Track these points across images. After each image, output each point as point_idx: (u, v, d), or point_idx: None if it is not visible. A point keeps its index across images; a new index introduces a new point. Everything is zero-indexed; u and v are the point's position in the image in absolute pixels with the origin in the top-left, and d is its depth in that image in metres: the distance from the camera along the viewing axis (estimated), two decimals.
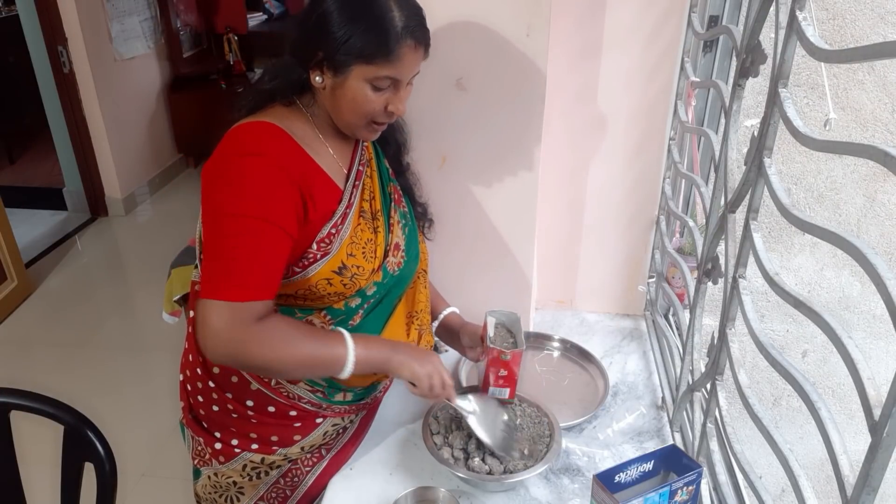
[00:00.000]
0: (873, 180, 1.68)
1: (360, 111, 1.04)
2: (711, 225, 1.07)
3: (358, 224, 1.10)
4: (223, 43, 5.13)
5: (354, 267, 1.08)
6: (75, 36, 3.86)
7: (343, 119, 1.06)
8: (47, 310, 3.42)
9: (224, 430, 1.18)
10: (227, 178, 0.99)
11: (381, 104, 1.04)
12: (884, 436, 0.57)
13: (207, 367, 1.15)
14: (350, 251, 1.08)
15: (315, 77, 1.04)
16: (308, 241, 1.04)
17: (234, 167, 0.99)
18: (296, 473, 1.23)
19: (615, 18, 1.44)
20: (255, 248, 0.96)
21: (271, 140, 1.02)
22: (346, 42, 0.98)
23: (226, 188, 0.98)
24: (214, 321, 0.95)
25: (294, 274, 1.05)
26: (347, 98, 1.02)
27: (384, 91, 1.03)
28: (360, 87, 1.01)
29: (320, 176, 1.07)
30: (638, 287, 1.71)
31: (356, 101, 1.02)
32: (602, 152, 1.58)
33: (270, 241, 0.97)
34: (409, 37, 0.99)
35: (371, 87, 1.01)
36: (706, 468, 1.07)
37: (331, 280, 1.07)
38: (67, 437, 1.18)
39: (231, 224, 0.96)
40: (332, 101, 1.05)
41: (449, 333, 1.38)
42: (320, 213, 1.05)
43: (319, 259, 1.05)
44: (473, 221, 1.52)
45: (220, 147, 1.01)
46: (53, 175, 4.40)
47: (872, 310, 1.80)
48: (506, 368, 1.23)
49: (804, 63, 1.58)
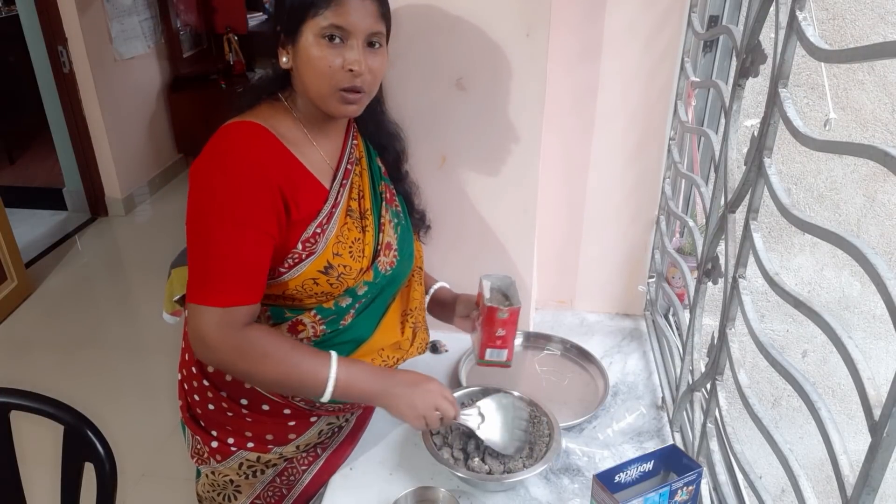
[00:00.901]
0: (873, 180, 1.68)
1: (319, 73, 1.01)
2: (711, 225, 1.07)
3: (345, 223, 1.10)
4: (223, 43, 5.13)
5: (341, 266, 1.08)
6: (75, 36, 3.87)
7: (311, 91, 1.04)
8: (47, 310, 3.42)
9: (220, 428, 1.18)
10: (206, 179, 0.99)
11: (337, 62, 1.01)
12: (884, 436, 0.57)
13: (202, 366, 1.15)
14: (336, 250, 1.08)
15: (282, 58, 1.05)
16: (293, 242, 1.04)
17: (215, 169, 0.99)
18: (292, 472, 1.23)
19: (615, 18, 1.44)
20: (236, 251, 0.97)
21: (253, 141, 1.01)
22: (291, 3, 1.00)
23: (205, 190, 0.99)
24: (199, 326, 0.99)
25: (280, 274, 1.05)
26: (304, 62, 1.02)
27: (337, 47, 1.01)
28: (312, 45, 1.00)
29: (305, 176, 1.06)
30: (638, 287, 1.71)
31: (311, 61, 1.01)
32: (602, 152, 1.58)
33: (251, 244, 0.98)
34: None
35: (322, 40, 1.00)
36: (706, 468, 1.07)
37: (317, 280, 1.07)
38: (67, 437, 1.18)
39: (209, 228, 0.98)
40: (297, 75, 1.05)
41: (441, 307, 1.37)
42: (304, 213, 1.05)
43: (305, 259, 1.05)
44: (473, 221, 1.52)
45: (205, 148, 1.02)
46: (53, 175, 4.40)
47: (872, 310, 1.80)
48: (503, 327, 1.19)
49: (804, 63, 1.58)
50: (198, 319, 0.98)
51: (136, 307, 3.48)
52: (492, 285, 1.28)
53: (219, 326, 0.98)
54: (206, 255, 0.98)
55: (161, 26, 4.72)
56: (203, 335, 0.98)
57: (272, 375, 1.03)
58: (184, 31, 4.94)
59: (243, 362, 1.01)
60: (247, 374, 1.04)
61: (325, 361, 1.05)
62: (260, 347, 1.01)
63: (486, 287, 1.26)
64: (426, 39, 1.36)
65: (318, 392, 1.04)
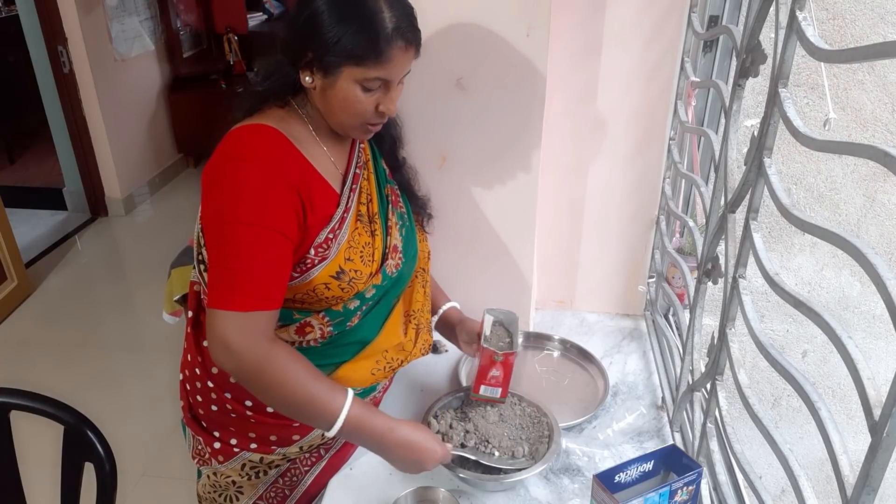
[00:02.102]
0: (873, 180, 1.68)
1: (351, 112, 1.03)
2: (711, 225, 1.07)
3: (355, 228, 1.10)
4: (223, 43, 5.13)
5: (352, 271, 1.08)
6: (75, 36, 3.87)
7: (335, 119, 1.06)
8: (47, 310, 3.42)
9: (223, 429, 1.18)
10: (224, 183, 0.98)
11: (371, 105, 1.03)
12: (884, 436, 0.57)
13: (206, 366, 1.15)
14: (348, 255, 1.08)
15: (305, 77, 1.03)
16: (306, 247, 1.04)
17: (231, 172, 0.98)
18: (295, 473, 1.23)
19: (615, 18, 1.44)
20: (257, 256, 0.96)
21: (268, 143, 1.01)
22: (335, 43, 0.97)
23: (224, 194, 0.98)
24: (221, 331, 0.95)
25: (292, 279, 1.05)
26: (338, 99, 1.02)
27: (374, 92, 1.02)
28: (350, 88, 1.00)
29: (318, 180, 1.06)
30: (638, 287, 1.71)
31: (347, 101, 1.02)
32: (602, 152, 1.58)
33: (272, 247, 0.97)
34: (399, 38, 0.98)
35: (361, 88, 1.00)
36: (706, 468, 1.07)
37: (328, 285, 1.06)
38: (67, 437, 1.18)
39: (231, 232, 0.96)
40: (323, 101, 1.04)
41: (448, 328, 1.39)
42: (318, 217, 1.04)
43: (317, 264, 1.05)
44: (473, 221, 1.52)
45: (218, 151, 1.01)
46: (53, 175, 4.40)
47: (872, 310, 1.80)
48: (498, 369, 1.23)
49: (804, 63, 1.58)
50: (219, 324, 0.95)
51: (136, 307, 3.48)
52: (494, 320, 1.31)
53: (242, 332, 0.95)
54: (226, 259, 0.96)
55: (161, 26, 4.72)
56: (226, 340, 0.95)
57: (286, 401, 1.01)
58: (184, 31, 4.94)
59: (260, 380, 0.98)
60: (262, 391, 1.01)
61: (341, 395, 1.03)
62: (280, 370, 0.98)
63: (487, 323, 1.28)
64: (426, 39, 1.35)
65: (327, 422, 1.02)
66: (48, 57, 3.88)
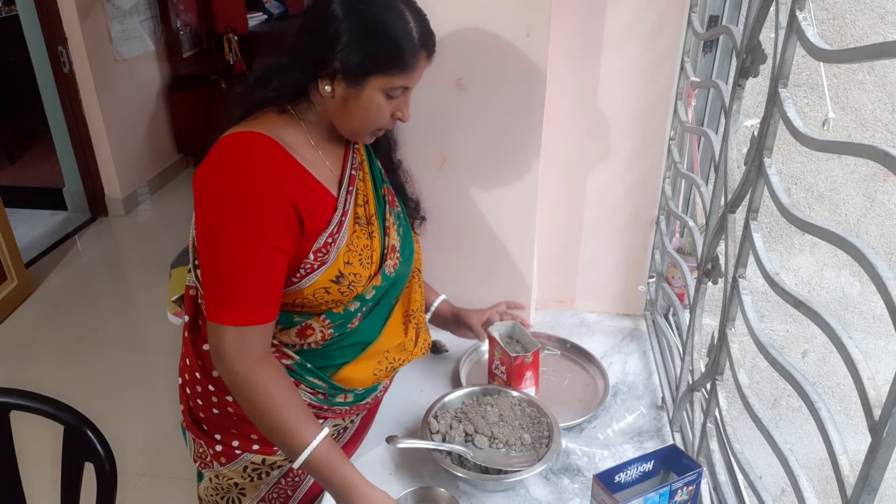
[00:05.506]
0: (873, 180, 1.68)
1: (371, 119, 1.04)
2: (711, 225, 1.07)
3: (354, 231, 1.10)
4: (223, 43, 5.13)
5: (352, 275, 1.08)
6: (75, 36, 3.87)
7: (347, 125, 1.06)
8: (47, 310, 3.42)
9: (224, 431, 1.18)
10: (218, 195, 0.98)
11: (389, 112, 1.05)
12: (884, 436, 0.57)
13: (206, 370, 1.15)
14: (347, 259, 1.07)
15: (324, 86, 1.02)
16: (305, 252, 1.04)
17: (223, 185, 0.98)
18: (297, 473, 1.23)
19: (615, 18, 1.44)
20: (249, 270, 0.97)
21: (261, 154, 1.00)
22: (368, 55, 0.98)
23: (218, 207, 0.98)
24: (215, 342, 1.00)
25: (291, 284, 1.05)
26: (361, 107, 1.03)
27: (395, 99, 1.04)
28: (375, 96, 1.02)
29: (314, 185, 1.06)
30: (638, 287, 1.71)
31: (370, 110, 1.03)
32: (602, 152, 1.57)
33: (264, 261, 0.98)
34: (424, 48, 1.02)
35: (385, 96, 1.03)
36: (706, 468, 1.07)
37: (328, 289, 1.06)
38: (67, 437, 1.18)
39: (224, 246, 0.97)
40: (341, 109, 1.04)
41: (443, 321, 1.44)
42: (317, 223, 1.04)
43: (316, 269, 1.05)
44: (473, 221, 1.52)
45: (209, 158, 1.00)
46: (53, 175, 4.40)
47: (872, 310, 1.80)
48: (530, 369, 1.34)
49: (804, 63, 1.58)
50: (214, 335, 1.00)
51: (137, 307, 3.48)
52: (500, 334, 1.39)
53: (232, 345, 0.99)
54: (219, 273, 0.99)
55: (161, 26, 4.72)
56: (218, 350, 1.00)
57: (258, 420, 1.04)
58: (184, 31, 4.94)
59: (241, 394, 1.03)
60: (241, 403, 1.05)
61: (313, 430, 1.03)
62: (260, 391, 1.01)
63: (499, 339, 1.37)
64: None
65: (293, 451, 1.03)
66: (48, 57, 3.89)
